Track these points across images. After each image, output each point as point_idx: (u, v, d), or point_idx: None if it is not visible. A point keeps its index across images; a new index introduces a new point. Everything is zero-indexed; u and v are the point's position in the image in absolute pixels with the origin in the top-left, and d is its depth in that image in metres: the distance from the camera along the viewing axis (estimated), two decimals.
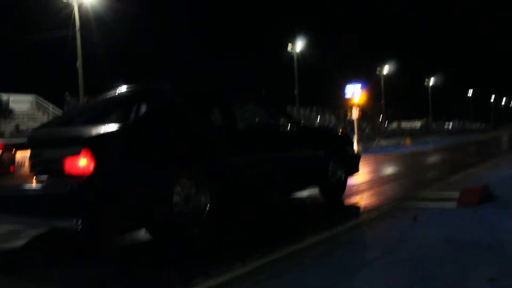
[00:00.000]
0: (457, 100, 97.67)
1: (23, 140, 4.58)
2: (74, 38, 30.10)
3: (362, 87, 24.11)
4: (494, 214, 5.64)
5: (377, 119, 62.45)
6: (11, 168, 4.65)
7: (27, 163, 4.48)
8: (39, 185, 4.26)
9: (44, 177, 4.27)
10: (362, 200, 7.57)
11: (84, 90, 31.43)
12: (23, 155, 4.54)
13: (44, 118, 34.32)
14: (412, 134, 41.04)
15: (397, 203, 6.82)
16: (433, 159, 17.35)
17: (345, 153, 7.58)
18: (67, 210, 4.05)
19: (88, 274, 4.11)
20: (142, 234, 5.27)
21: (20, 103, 36.18)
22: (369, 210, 6.47)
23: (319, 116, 53.63)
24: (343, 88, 24.78)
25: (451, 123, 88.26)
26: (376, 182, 9.98)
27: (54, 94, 38.97)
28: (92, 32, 31.04)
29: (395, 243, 4.51)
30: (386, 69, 58.13)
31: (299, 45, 44.34)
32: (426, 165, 15.02)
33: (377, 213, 6.19)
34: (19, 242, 5.39)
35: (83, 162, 4.01)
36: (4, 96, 34.30)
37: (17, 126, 27.49)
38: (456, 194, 6.71)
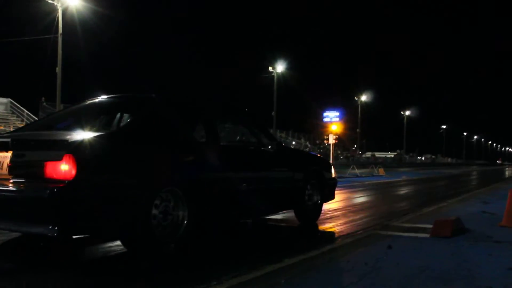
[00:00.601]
0: (430, 134, 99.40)
1: (1, 140, 4.43)
2: (56, 43, 29.83)
3: (339, 115, 24.36)
4: (467, 246, 5.73)
5: (351, 147, 63.02)
6: None
7: (5, 165, 4.35)
8: (17, 188, 4.16)
9: (23, 180, 4.19)
10: (337, 226, 7.60)
11: (61, 97, 31.09)
12: (1, 156, 4.41)
13: (17, 123, 33.81)
14: (386, 165, 41.49)
15: (372, 230, 6.88)
16: (405, 190, 17.56)
17: (323, 177, 7.58)
18: (45, 215, 3.95)
19: (62, 284, 4.04)
20: (114, 246, 5.23)
21: None
22: (344, 236, 6.52)
23: (294, 140, 53.87)
24: (320, 114, 25.05)
25: (423, 157, 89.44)
26: (351, 209, 10.05)
27: (29, 99, 38.53)
28: (76, 38, 30.84)
29: (370, 269, 4.54)
30: (364, 98, 58.85)
31: (279, 68, 44.68)
32: (399, 195, 15.18)
33: (352, 239, 6.23)
34: None
35: (65, 168, 3.94)
36: None
37: None
38: (429, 225, 6.81)
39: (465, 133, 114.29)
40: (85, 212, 4.12)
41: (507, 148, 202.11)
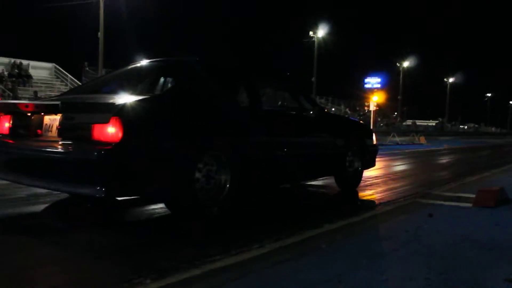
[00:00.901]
0: (474, 102, 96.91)
1: (51, 103, 4.45)
2: (98, 8, 30.11)
3: (381, 81, 23.94)
4: (511, 217, 5.65)
5: (392, 115, 62.07)
6: (39, 132, 4.70)
7: (54, 127, 4.51)
8: (66, 150, 4.28)
9: (71, 142, 4.31)
10: (377, 193, 7.57)
11: (103, 62, 31.54)
12: (51, 119, 4.57)
13: (62, 87, 34.53)
14: (427, 133, 40.79)
15: (412, 198, 6.84)
16: (447, 159, 17.29)
17: (364, 143, 7.57)
18: (93, 177, 4.04)
19: (111, 242, 4.18)
20: (158, 208, 5.37)
21: (39, 69, 36.42)
22: (384, 203, 6.49)
23: (334, 106, 53.34)
24: (361, 80, 24.64)
25: (466, 125, 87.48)
26: (391, 177, 9.99)
27: (73, 64, 39.18)
28: (118, 3, 31.01)
29: (411, 237, 4.53)
30: (406, 64, 57.50)
31: (320, 33, 44.06)
32: (440, 164, 14.96)
33: (392, 206, 6.21)
34: (39, 207, 5.49)
35: (111, 130, 4.00)
36: (24, 62, 34.58)
37: (35, 92, 27.66)
38: (471, 195, 6.72)
39: (511, 102, 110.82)
40: (131, 174, 4.19)
41: None
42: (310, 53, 44.46)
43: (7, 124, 4.96)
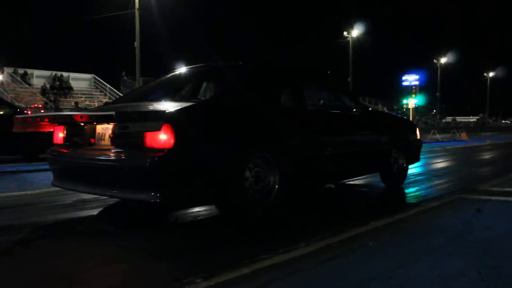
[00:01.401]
0: None
1: (105, 113, 4.67)
2: (133, 18, 30.63)
3: (419, 78, 23.58)
4: None
5: (431, 112, 61.04)
6: (92, 140, 4.84)
7: (107, 136, 4.66)
8: (120, 157, 4.44)
9: (125, 150, 4.46)
10: (421, 190, 7.46)
11: (140, 71, 32.03)
12: (103, 128, 4.74)
13: (101, 97, 35.26)
14: (468, 129, 39.98)
15: (458, 194, 6.72)
16: (490, 154, 16.88)
17: (407, 139, 7.59)
18: (147, 183, 4.19)
19: (162, 243, 4.26)
20: (202, 211, 5.45)
21: (79, 81, 37.33)
22: (430, 199, 6.40)
23: (371, 105, 52.77)
24: (398, 78, 24.30)
25: (508, 120, 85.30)
26: (434, 174, 9.84)
27: (111, 75, 39.93)
28: (152, 13, 31.48)
29: (460, 233, 4.47)
30: (443, 60, 56.48)
31: (355, 32, 43.73)
32: (484, 160, 14.63)
33: (438, 203, 6.12)
34: (87, 212, 5.64)
35: (163, 137, 4.13)
36: (65, 74, 35.49)
37: (76, 103, 28.33)
38: None
39: None
40: (185, 178, 4.32)
41: None
42: (345, 53, 44.27)
43: (61, 134, 5.17)
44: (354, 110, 6.59)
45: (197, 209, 5.59)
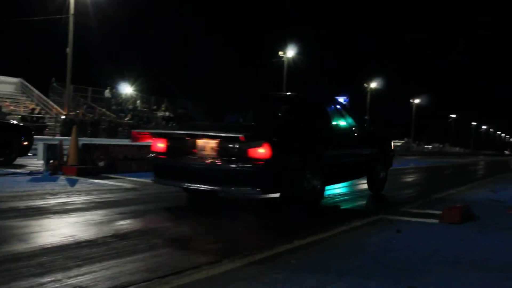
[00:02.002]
0: (439, 123, 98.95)
1: (211, 134, 6.49)
2: (67, 23, 29.80)
3: (346, 100, 24.27)
4: (476, 232, 5.75)
5: None
6: (194, 151, 6.51)
7: (208, 148, 6.39)
8: (229, 164, 6.13)
9: (231, 159, 6.17)
10: (346, 210, 7.64)
11: (72, 79, 31.15)
12: (204, 142, 6.43)
13: (27, 103, 33.89)
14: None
15: (381, 215, 6.91)
16: (414, 177, 17.53)
17: (388, 150, 10.20)
18: (252, 182, 6.00)
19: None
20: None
21: (4, 84, 35.67)
22: (354, 219, 6.54)
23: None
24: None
25: (431, 145, 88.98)
26: (359, 195, 10.07)
27: (40, 80, 38.43)
28: (87, 19, 30.74)
29: (380, 252, 4.58)
30: (373, 85, 58.44)
31: (290, 53, 44.46)
32: (407, 182, 15.14)
33: (361, 223, 6.26)
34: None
35: (263, 151, 5.96)
36: None
37: None
38: (438, 212, 6.83)
39: (473, 123, 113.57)
40: (275, 179, 6.23)
41: None
42: (280, 73, 44.83)
43: (162, 145, 6.82)
44: (362, 131, 9.00)
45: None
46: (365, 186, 11.98)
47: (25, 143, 12.48)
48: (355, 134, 8.60)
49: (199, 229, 5.66)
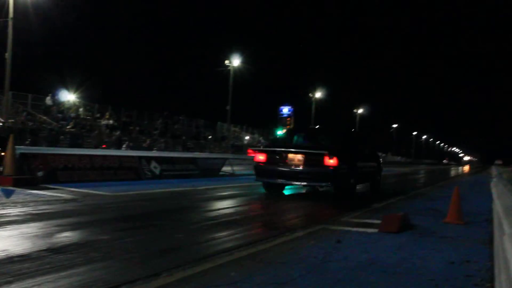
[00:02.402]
0: (381, 132, 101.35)
1: (301, 150, 11.03)
2: (6, 27, 28.77)
3: (292, 110, 24.54)
4: (412, 241, 5.91)
5: None
6: (286, 161, 10.89)
7: (296, 159, 10.73)
8: (314, 168, 10.49)
9: (313, 165, 10.51)
10: (289, 220, 7.69)
11: (10, 85, 30.10)
12: (293, 155, 10.78)
13: None
14: None
15: (322, 225, 6.99)
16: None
17: (380, 163, 15.04)
18: (327, 180, 10.48)
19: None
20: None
21: None
22: (295, 229, 6.59)
23: (248, 135, 53.81)
24: (275, 109, 25.10)
25: None
26: (302, 205, 10.18)
27: None
28: (28, 24, 29.80)
29: (319, 263, 4.62)
30: (318, 95, 59.23)
31: (236, 62, 44.46)
32: None
33: (303, 233, 6.31)
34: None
35: (333, 161, 10.30)
36: None
37: None
38: (377, 221, 6.99)
39: (414, 133, 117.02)
40: (339, 178, 10.45)
41: (454, 148, 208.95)
42: (226, 82, 44.76)
43: (263, 157, 11.20)
44: (367, 149, 14.14)
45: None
46: (311, 195, 12.15)
47: None
48: (367, 152, 13.67)
49: (139, 239, 5.56)
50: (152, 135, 34.85)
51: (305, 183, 11.03)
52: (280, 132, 24.68)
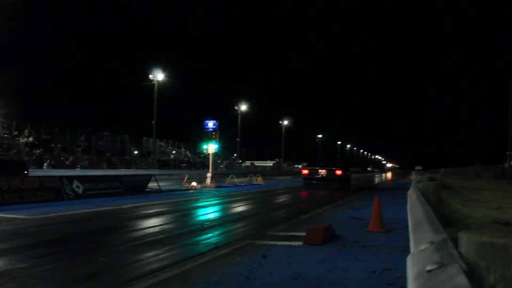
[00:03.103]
0: (308, 143, 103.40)
1: (330, 168, 24.49)
2: None
3: (217, 124, 24.52)
4: (336, 252, 6.03)
5: (231, 156, 63.70)
6: (319, 173, 24.15)
7: (323, 172, 24.00)
8: (333, 176, 23.78)
9: (333, 175, 23.81)
10: (215, 236, 7.64)
11: None
12: (320, 170, 24.11)
13: None
14: (265, 173, 42.42)
15: (248, 240, 7.00)
16: (283, 198, 18.09)
17: (349, 171, 28.63)
18: (339, 183, 23.88)
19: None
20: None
21: None
22: (221, 246, 6.56)
23: (175, 149, 53.23)
24: (200, 123, 24.95)
25: (301, 165, 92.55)
26: (228, 220, 10.15)
27: None
28: None
29: (245, 280, 4.62)
30: (243, 108, 59.61)
31: (160, 76, 43.91)
32: (277, 204, 15.59)
33: (229, 250, 6.30)
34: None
35: (340, 172, 24.04)
36: None
37: None
38: (303, 233, 7.07)
39: (339, 142, 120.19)
40: (343, 181, 24.27)
41: (376, 156, 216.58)
42: (150, 97, 44.07)
43: (306, 172, 24.70)
44: (348, 162, 35.59)
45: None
46: (237, 209, 12.17)
47: None
48: (348, 164, 28.03)
49: (60, 265, 5.34)
50: (75, 152, 33.76)
51: (329, 183, 23.36)
52: (206, 147, 24.55)
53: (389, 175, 76.77)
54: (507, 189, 22.84)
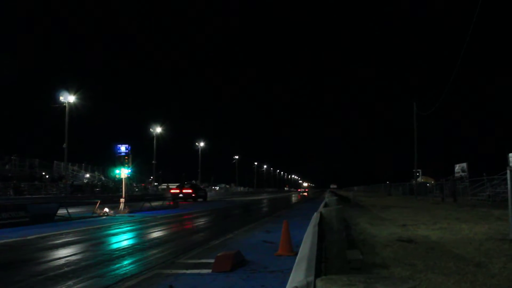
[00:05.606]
0: (224, 164, 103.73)
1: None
2: None
3: (130, 147, 24.00)
4: (244, 279, 6.08)
5: (147, 179, 62.66)
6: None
7: (187, 190, 40.26)
8: (190, 193, 40.45)
9: (190, 192, 40.66)
10: (122, 267, 7.46)
11: None
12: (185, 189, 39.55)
13: None
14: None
15: (157, 269, 6.91)
16: (197, 222, 17.95)
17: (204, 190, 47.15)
18: (192, 196, 39.99)
19: None
20: None
21: None
22: (128, 278, 6.42)
23: (88, 173, 51.67)
24: (113, 147, 24.34)
25: (218, 186, 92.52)
26: (139, 248, 9.94)
27: None
28: None
29: None
30: (159, 130, 58.94)
31: (71, 98, 42.59)
32: (190, 229, 15.45)
33: (136, 281, 6.18)
34: None
35: (191, 191, 40.81)
36: None
37: None
38: (212, 260, 7.07)
39: (255, 163, 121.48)
40: (196, 196, 41.67)
41: (292, 176, 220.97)
42: (62, 119, 42.56)
43: (178, 190, 41.43)
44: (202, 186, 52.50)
45: None
46: (150, 235, 11.96)
47: None
48: (198, 187, 46.21)
49: None
50: None
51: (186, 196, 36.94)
52: (118, 171, 23.94)
53: (305, 194, 78.41)
54: (414, 205, 24.05)
